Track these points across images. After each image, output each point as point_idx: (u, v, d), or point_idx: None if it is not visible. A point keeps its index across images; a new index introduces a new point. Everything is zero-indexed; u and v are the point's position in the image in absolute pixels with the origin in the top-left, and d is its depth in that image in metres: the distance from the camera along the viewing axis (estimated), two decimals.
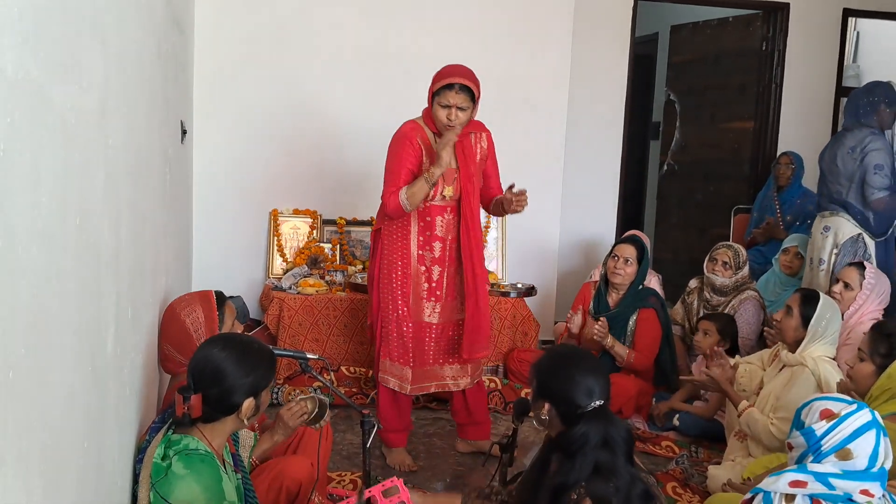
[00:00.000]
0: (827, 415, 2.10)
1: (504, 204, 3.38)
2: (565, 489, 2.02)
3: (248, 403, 2.08)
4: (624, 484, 2.02)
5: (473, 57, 4.99)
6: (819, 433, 2.09)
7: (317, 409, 2.48)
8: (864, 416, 2.08)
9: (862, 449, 2.05)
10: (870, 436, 2.06)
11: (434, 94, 3.20)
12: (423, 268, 3.36)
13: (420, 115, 3.35)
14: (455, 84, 3.16)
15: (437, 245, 3.34)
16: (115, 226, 1.86)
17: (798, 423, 2.16)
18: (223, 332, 2.59)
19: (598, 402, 2.10)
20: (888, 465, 2.08)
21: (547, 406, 2.17)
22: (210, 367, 2.05)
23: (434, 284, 3.38)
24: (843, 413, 2.08)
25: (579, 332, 4.19)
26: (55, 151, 1.33)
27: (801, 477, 2.06)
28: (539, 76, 5.16)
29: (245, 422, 2.11)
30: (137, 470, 2.07)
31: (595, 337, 4.07)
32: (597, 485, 2.00)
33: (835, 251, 4.24)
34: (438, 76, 3.23)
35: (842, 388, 2.89)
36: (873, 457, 2.05)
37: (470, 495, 2.53)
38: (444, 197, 3.32)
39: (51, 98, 1.30)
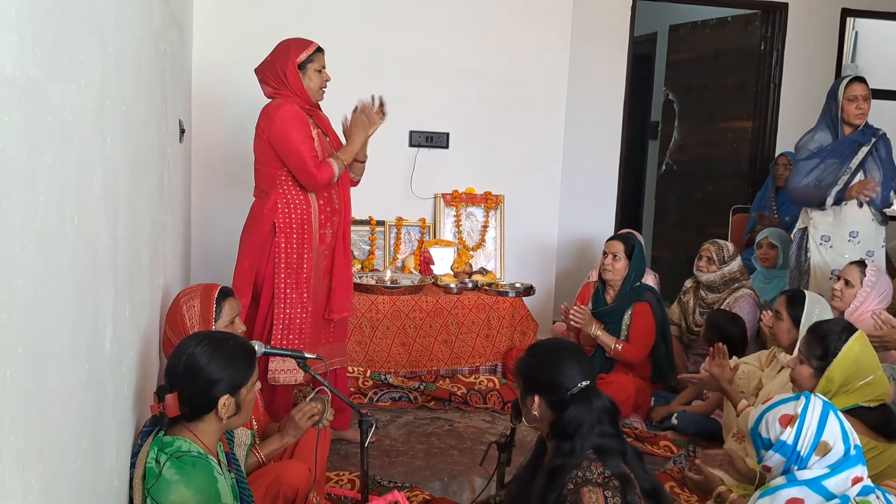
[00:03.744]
0: (787, 420, 2.05)
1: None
2: (562, 471, 2.05)
3: (225, 401, 2.04)
4: (620, 450, 2.09)
5: (472, 56, 5.03)
6: (791, 441, 2.04)
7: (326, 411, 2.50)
8: (817, 403, 2.07)
9: (834, 434, 2.03)
10: (832, 419, 2.05)
11: (306, 62, 3.27)
12: (324, 246, 3.36)
13: (283, 98, 3.32)
14: (321, 47, 3.33)
15: (336, 219, 3.39)
16: (113, 224, 1.86)
17: (763, 443, 2.10)
18: (218, 326, 2.59)
19: (584, 383, 2.15)
20: (857, 441, 2.07)
21: (537, 399, 2.20)
22: (184, 363, 2.03)
23: (332, 260, 3.41)
24: (800, 411, 2.05)
25: (577, 330, 4.21)
26: (53, 150, 1.32)
27: (796, 492, 1.99)
28: (537, 75, 5.16)
29: (224, 420, 2.07)
30: (132, 474, 2.07)
31: (573, 323, 4.10)
32: (610, 463, 2.05)
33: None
34: (304, 45, 3.30)
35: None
36: (845, 437, 2.03)
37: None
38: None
39: (48, 96, 1.29)
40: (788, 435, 2.03)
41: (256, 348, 2.37)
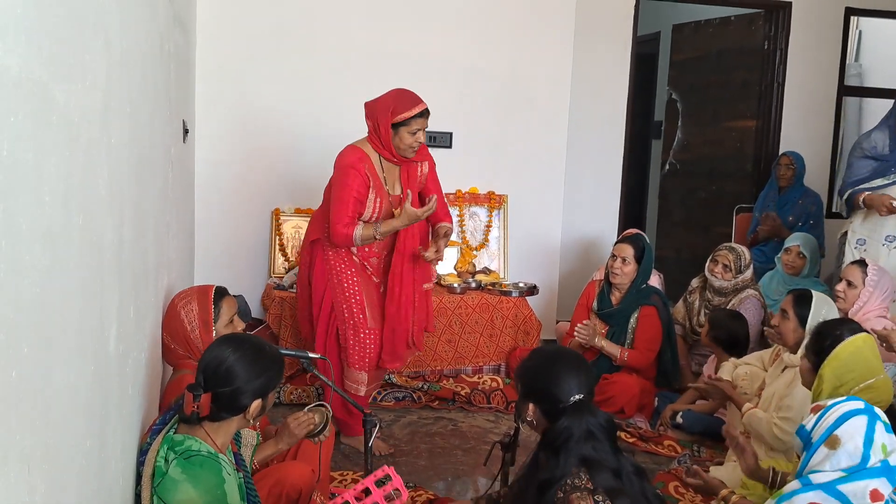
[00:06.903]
0: (816, 409, 2.11)
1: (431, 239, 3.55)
2: (550, 485, 2.05)
3: (256, 404, 2.09)
4: (614, 467, 2.06)
5: (476, 56, 5.03)
6: (809, 427, 2.08)
7: (323, 423, 2.49)
8: (853, 404, 2.07)
9: (849, 434, 1.99)
10: (857, 421, 2.01)
11: (400, 123, 3.25)
12: (369, 271, 3.48)
13: (364, 138, 3.39)
14: (426, 110, 3.28)
15: (374, 260, 3.49)
16: (117, 225, 1.86)
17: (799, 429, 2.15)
18: (218, 326, 2.61)
19: (578, 397, 2.14)
20: (887, 456, 1.99)
21: (531, 406, 2.22)
22: (223, 367, 2.06)
23: (382, 290, 3.52)
24: (829, 403, 2.08)
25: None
26: (59, 150, 1.33)
27: (812, 497, 1.97)
28: (541, 75, 5.16)
29: (251, 421, 2.12)
30: (140, 471, 2.07)
31: (579, 339, 4.07)
32: (598, 477, 2.03)
33: None
34: (406, 104, 3.26)
35: None
36: (867, 442, 1.98)
37: (479, 502, 2.56)
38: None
39: (54, 97, 1.30)
40: (809, 421, 2.09)
41: None
